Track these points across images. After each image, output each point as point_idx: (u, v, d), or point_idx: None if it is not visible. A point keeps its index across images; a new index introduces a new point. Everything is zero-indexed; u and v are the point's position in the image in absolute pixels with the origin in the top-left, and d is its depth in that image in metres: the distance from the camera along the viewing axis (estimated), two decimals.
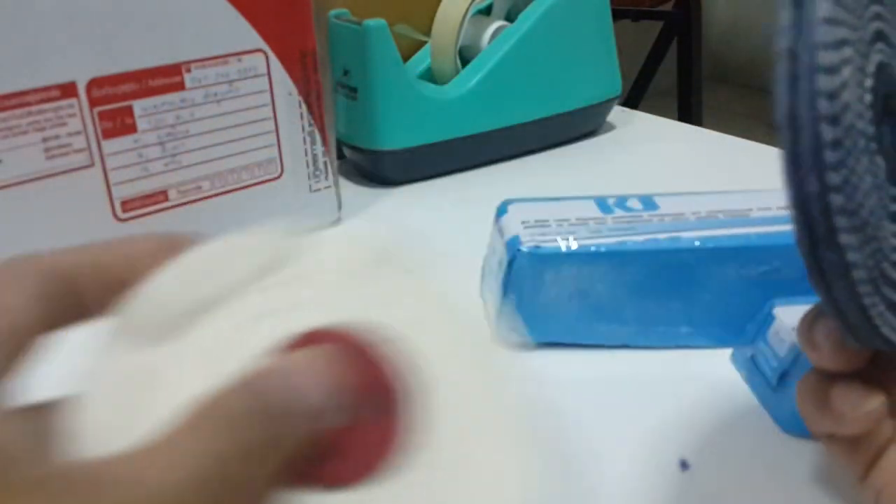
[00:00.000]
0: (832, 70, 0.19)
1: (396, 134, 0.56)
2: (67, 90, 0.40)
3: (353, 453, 0.18)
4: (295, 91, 0.48)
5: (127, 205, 0.44)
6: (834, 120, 0.19)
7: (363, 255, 0.21)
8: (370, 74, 0.54)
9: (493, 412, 0.20)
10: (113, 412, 0.17)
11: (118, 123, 0.42)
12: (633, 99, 1.70)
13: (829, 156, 0.19)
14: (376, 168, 0.58)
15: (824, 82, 0.19)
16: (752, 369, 0.37)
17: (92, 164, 0.42)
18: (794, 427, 0.34)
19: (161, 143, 0.44)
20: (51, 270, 0.19)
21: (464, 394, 0.19)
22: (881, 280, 0.21)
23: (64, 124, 0.40)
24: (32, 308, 0.18)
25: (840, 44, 0.19)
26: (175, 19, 0.42)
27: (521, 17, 0.59)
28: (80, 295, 0.19)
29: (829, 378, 0.25)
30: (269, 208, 0.49)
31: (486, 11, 0.62)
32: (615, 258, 0.37)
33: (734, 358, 0.38)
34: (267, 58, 0.46)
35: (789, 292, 0.37)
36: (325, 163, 0.50)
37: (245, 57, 0.45)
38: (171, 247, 0.20)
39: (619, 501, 0.31)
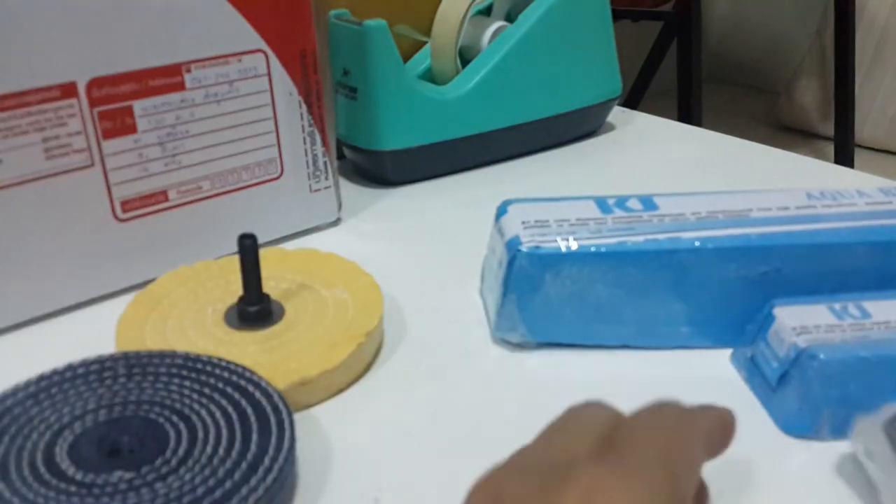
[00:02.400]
0: None
1: (396, 134, 0.56)
2: (67, 90, 0.40)
3: None
4: (295, 91, 0.48)
5: (127, 205, 0.44)
6: None
7: None
8: (370, 74, 0.54)
9: None
10: None
11: (118, 123, 0.42)
12: (633, 99, 1.70)
13: None
14: (376, 168, 0.58)
15: None
16: (751, 369, 0.37)
17: (92, 164, 0.42)
18: (794, 427, 0.34)
19: (161, 143, 0.44)
20: None
21: None
22: None
23: (64, 124, 0.40)
24: None
25: None
26: (175, 19, 0.42)
27: (521, 17, 0.59)
28: None
29: None
30: (269, 208, 0.49)
31: (486, 11, 0.62)
32: (615, 259, 0.37)
33: (734, 358, 0.38)
34: (267, 58, 0.46)
35: (789, 292, 0.37)
36: (325, 163, 0.51)
37: (245, 57, 0.45)
38: None
39: None
